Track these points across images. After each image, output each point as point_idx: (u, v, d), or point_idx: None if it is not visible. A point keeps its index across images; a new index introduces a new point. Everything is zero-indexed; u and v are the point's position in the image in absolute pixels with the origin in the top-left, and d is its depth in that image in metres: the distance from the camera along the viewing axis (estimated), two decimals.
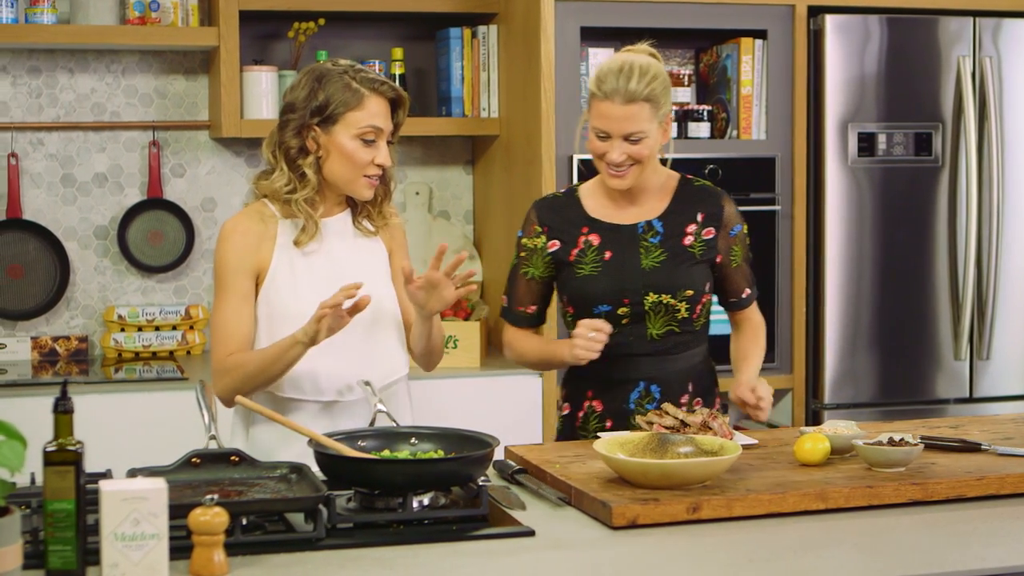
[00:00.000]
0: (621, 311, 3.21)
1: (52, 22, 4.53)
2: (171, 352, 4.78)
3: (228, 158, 4.91)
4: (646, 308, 3.21)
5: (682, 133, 4.65)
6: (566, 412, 3.35)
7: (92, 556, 2.18)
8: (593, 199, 3.32)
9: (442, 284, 3.03)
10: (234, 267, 3.07)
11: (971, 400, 4.83)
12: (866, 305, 4.70)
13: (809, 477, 2.68)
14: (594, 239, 3.26)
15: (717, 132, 4.76)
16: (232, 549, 2.27)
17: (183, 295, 4.90)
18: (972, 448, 2.92)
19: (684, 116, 4.66)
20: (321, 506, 2.38)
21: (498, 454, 2.96)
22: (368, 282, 3.02)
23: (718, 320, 3.42)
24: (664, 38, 4.83)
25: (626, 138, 3.15)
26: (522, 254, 3.35)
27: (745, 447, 2.94)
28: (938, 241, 4.78)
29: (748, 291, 3.37)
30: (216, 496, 2.20)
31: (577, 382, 3.32)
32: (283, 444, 3.00)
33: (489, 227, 4.99)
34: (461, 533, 2.43)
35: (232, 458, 2.57)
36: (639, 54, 3.21)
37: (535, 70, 4.47)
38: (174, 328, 4.80)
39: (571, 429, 3.31)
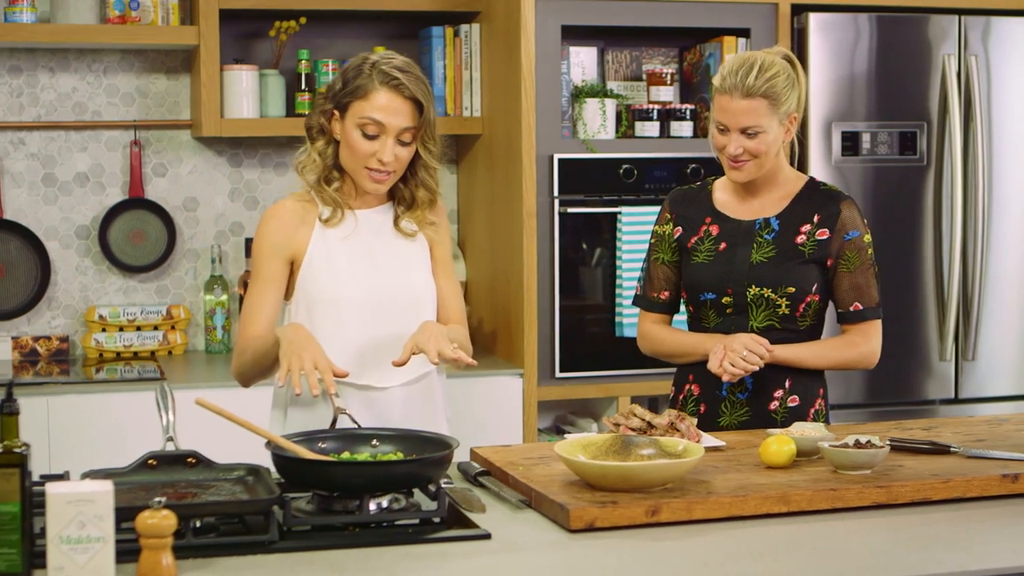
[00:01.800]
0: (725, 300, 3.28)
1: (32, 21, 4.51)
2: (152, 352, 4.77)
3: (210, 157, 4.89)
4: (748, 300, 3.25)
5: (664, 132, 4.63)
6: (671, 395, 3.43)
7: (39, 559, 2.16)
8: (722, 193, 3.39)
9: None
10: (267, 251, 3.10)
11: (957, 401, 4.81)
12: None
13: (773, 480, 2.65)
14: (714, 230, 3.33)
15: (700, 131, 4.73)
16: (183, 552, 2.25)
17: (165, 295, 4.88)
18: (942, 450, 2.89)
19: (667, 115, 4.64)
20: (277, 508, 2.36)
21: (465, 455, 2.96)
22: (405, 273, 3.10)
23: None
24: (647, 37, 4.84)
25: (743, 132, 3.20)
26: (652, 241, 3.44)
27: (712, 449, 2.92)
28: (923, 241, 4.75)
29: (858, 305, 3.29)
30: (164, 499, 2.17)
31: (684, 367, 3.39)
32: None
33: (472, 226, 4.96)
34: (416, 536, 2.40)
35: (189, 460, 2.55)
36: (770, 54, 3.26)
37: (515, 69, 4.45)
38: (155, 328, 4.79)
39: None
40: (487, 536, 2.40)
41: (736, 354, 3.15)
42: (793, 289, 3.24)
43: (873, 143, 4.68)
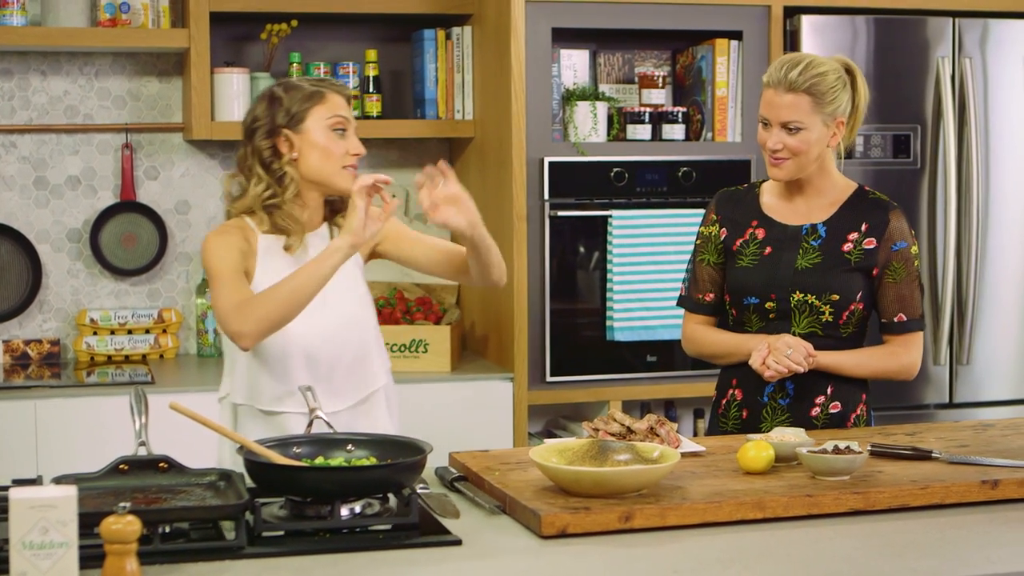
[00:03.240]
0: (768, 305, 3.26)
1: (22, 24, 4.51)
2: (144, 356, 4.76)
3: (202, 160, 4.88)
4: (792, 306, 3.23)
5: (656, 135, 4.61)
6: (714, 398, 3.41)
7: (2, 565, 2.15)
8: (770, 196, 3.37)
9: (458, 198, 3.03)
10: (228, 263, 3.03)
11: (951, 406, 4.79)
12: None
13: (750, 486, 2.63)
14: (760, 233, 3.31)
15: (692, 134, 4.71)
16: (151, 557, 2.24)
17: (156, 298, 4.87)
18: (923, 456, 2.86)
19: (659, 118, 4.62)
20: (248, 513, 2.35)
21: (444, 460, 2.95)
22: (346, 293, 3.12)
23: None
24: (639, 39, 4.82)
25: (784, 127, 3.19)
26: (698, 242, 3.42)
27: (691, 454, 2.90)
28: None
29: (902, 316, 3.26)
30: (128, 504, 2.16)
31: (727, 371, 3.37)
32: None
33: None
34: (387, 542, 2.39)
35: (161, 464, 2.53)
36: (826, 58, 3.25)
37: (507, 71, 4.44)
38: (147, 332, 4.78)
39: (715, 417, 3.38)
40: (458, 542, 2.38)
41: (780, 352, 3.13)
42: (837, 297, 3.22)
43: (867, 146, 4.66)
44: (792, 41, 4.61)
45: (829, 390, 3.26)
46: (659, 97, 4.68)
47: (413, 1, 4.74)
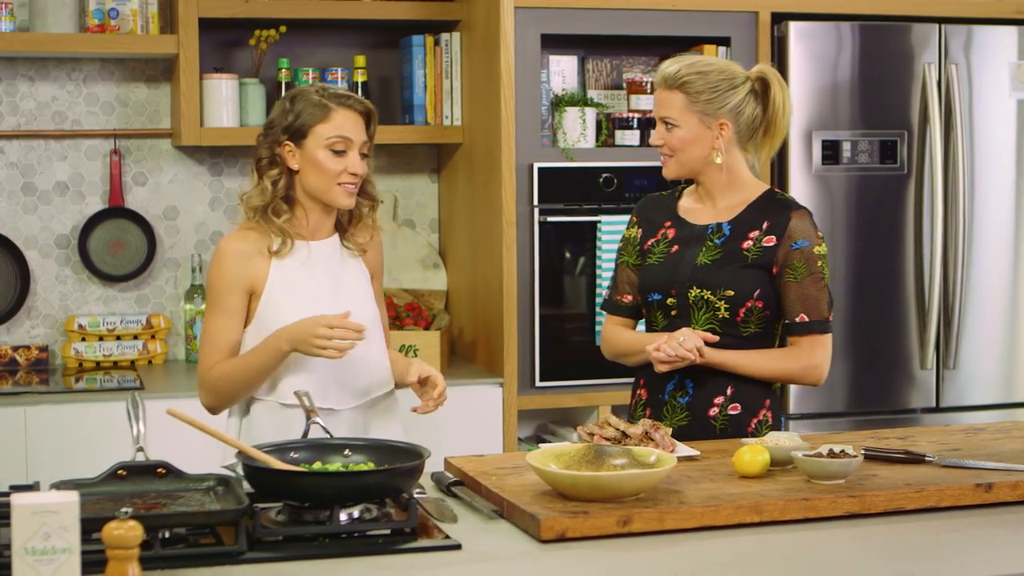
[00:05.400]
0: (670, 301, 3.28)
1: (10, 30, 4.50)
2: (132, 362, 4.75)
3: (190, 166, 4.88)
4: (690, 301, 3.24)
5: (645, 141, 4.62)
6: (629, 400, 3.44)
7: (5, 571, 2.15)
8: (687, 199, 3.40)
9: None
10: (228, 284, 3.18)
11: (938, 410, 4.81)
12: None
13: (746, 489, 2.64)
14: (671, 233, 3.34)
15: None
16: (151, 563, 2.24)
17: (145, 304, 4.87)
18: (916, 460, 2.88)
19: (647, 124, 4.63)
20: (245, 518, 2.35)
21: (439, 465, 2.95)
22: (358, 303, 3.21)
23: None
24: (627, 46, 4.83)
25: (662, 123, 3.25)
26: (620, 244, 3.45)
27: (686, 459, 2.91)
28: (904, 250, 4.75)
29: (804, 317, 3.22)
30: (130, 509, 2.16)
31: (636, 371, 3.40)
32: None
33: (454, 236, 4.96)
34: (387, 546, 2.39)
35: (159, 470, 2.53)
36: (728, 62, 3.31)
37: (496, 77, 4.44)
38: (135, 338, 4.77)
39: (629, 419, 3.39)
40: (457, 547, 2.39)
41: (673, 339, 3.13)
42: (732, 292, 3.20)
43: (854, 152, 4.68)
44: (779, 47, 4.63)
45: (729, 391, 3.24)
46: (647, 103, 4.70)
47: (402, 7, 4.75)
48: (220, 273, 3.19)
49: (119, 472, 2.52)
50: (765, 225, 3.24)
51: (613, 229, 4.48)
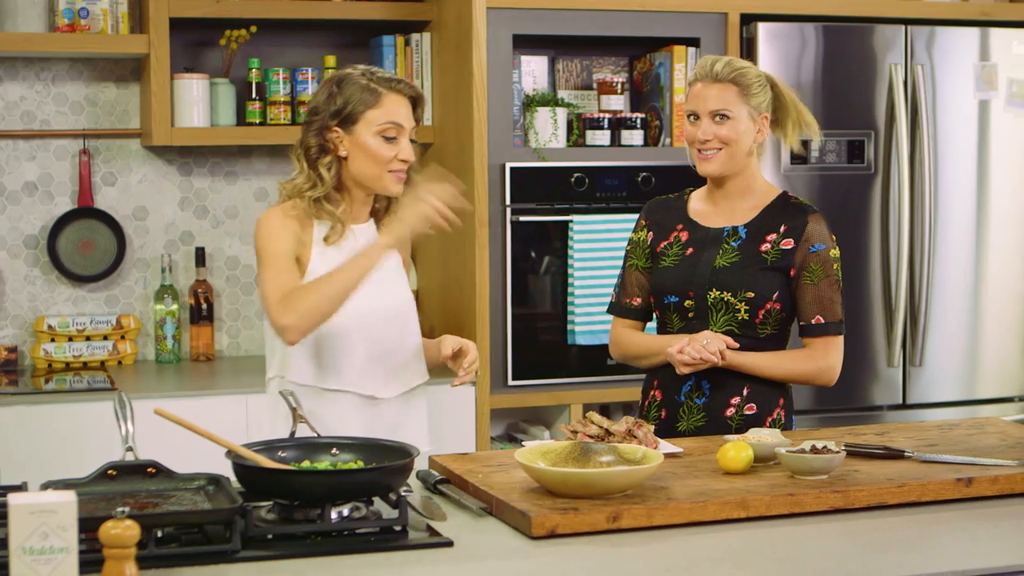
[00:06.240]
0: (687, 304, 3.32)
1: None
2: (102, 362, 4.74)
3: (160, 166, 4.87)
4: (708, 303, 3.28)
5: (615, 141, 4.65)
6: (639, 401, 3.46)
7: (2, 570, 2.15)
8: (698, 202, 3.43)
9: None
10: (282, 242, 3.11)
11: (904, 407, 4.86)
12: None
13: (731, 485, 2.67)
14: (684, 236, 3.38)
15: (651, 140, 4.76)
16: (146, 562, 2.25)
17: (114, 305, 4.86)
18: (896, 455, 2.92)
19: (617, 124, 4.66)
20: (238, 517, 2.36)
21: (423, 463, 2.97)
22: (396, 288, 3.22)
23: None
24: (597, 46, 4.86)
25: (713, 117, 3.27)
26: (628, 248, 3.49)
27: (670, 455, 2.94)
28: (871, 249, 4.80)
29: (820, 319, 3.29)
30: (127, 509, 2.17)
31: (650, 372, 3.42)
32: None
33: (425, 235, 4.94)
34: (378, 544, 2.41)
35: (149, 470, 2.54)
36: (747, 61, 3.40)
37: (467, 78, 4.46)
38: (105, 338, 4.76)
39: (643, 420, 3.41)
40: (450, 544, 2.41)
41: (697, 342, 3.17)
42: (752, 294, 3.26)
43: (821, 151, 4.73)
44: (748, 48, 4.67)
45: (745, 391, 3.30)
46: (617, 103, 4.73)
47: (372, 7, 4.76)
48: (271, 235, 3.11)
49: (109, 472, 2.52)
50: (783, 228, 3.30)
51: (585, 228, 4.51)
